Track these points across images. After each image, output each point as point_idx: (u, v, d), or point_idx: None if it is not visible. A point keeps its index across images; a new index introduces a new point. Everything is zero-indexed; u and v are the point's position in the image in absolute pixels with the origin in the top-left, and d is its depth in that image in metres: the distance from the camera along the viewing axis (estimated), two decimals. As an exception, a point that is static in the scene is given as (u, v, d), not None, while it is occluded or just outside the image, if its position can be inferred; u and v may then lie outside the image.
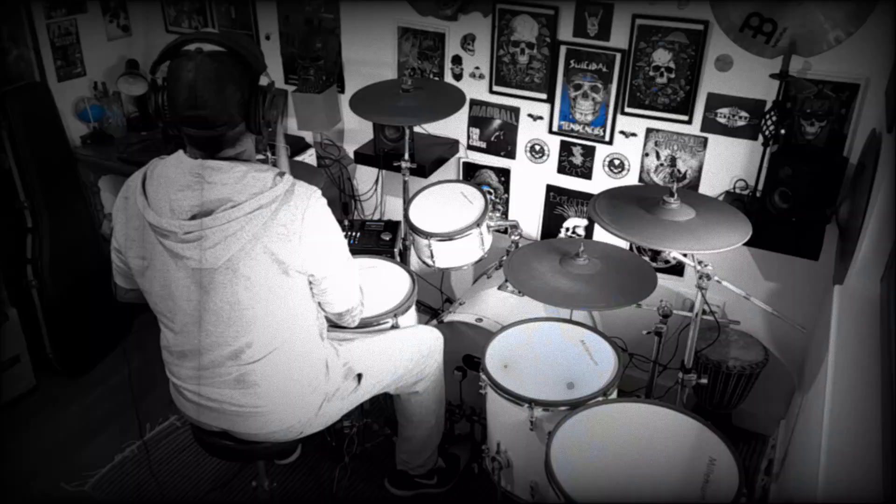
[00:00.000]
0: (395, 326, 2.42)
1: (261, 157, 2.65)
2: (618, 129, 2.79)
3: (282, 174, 1.71)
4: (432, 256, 2.69)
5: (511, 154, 3.05)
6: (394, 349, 2.25)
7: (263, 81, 1.70)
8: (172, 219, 1.66)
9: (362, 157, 3.11)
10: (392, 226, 3.08)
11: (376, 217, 3.41)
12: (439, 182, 2.91)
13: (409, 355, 2.26)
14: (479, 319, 2.51)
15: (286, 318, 1.82)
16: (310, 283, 1.81)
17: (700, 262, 2.19)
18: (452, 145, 3.12)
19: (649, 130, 2.74)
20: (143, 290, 1.85)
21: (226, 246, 1.66)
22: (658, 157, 2.76)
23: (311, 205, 1.73)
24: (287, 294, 1.78)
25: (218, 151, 1.69)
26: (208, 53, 1.62)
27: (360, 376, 2.08)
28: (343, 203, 3.43)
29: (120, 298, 2.03)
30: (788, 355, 2.74)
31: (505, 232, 2.99)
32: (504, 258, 2.79)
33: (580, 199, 2.97)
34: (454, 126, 3.09)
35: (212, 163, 1.67)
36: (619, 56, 2.68)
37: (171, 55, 1.64)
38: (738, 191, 2.64)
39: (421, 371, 2.29)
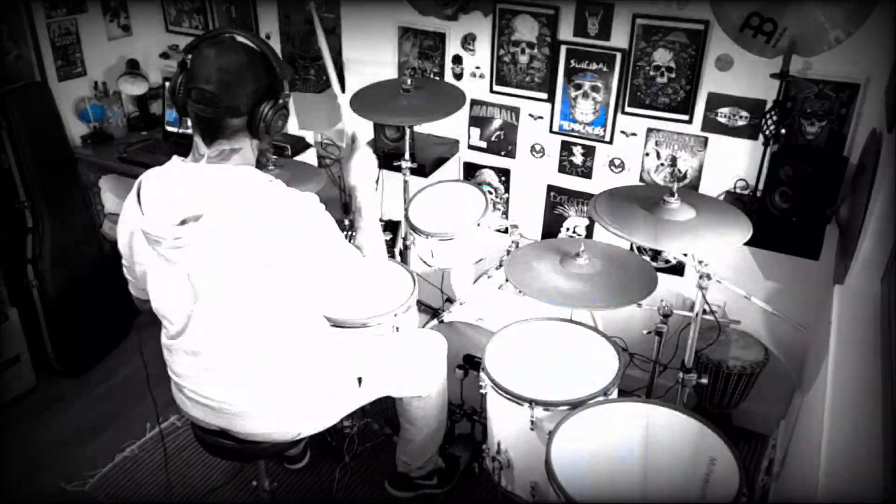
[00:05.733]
0: (395, 326, 2.43)
1: (272, 168, 2.60)
2: (618, 128, 2.79)
3: (271, 180, 1.70)
4: (433, 256, 2.69)
5: (511, 154, 3.05)
6: (395, 353, 2.24)
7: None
8: (163, 225, 1.66)
9: (362, 157, 3.10)
10: (392, 225, 3.08)
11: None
12: (440, 182, 2.91)
13: (410, 360, 2.26)
14: (480, 319, 2.51)
15: (282, 320, 1.81)
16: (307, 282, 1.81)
17: (700, 262, 2.19)
18: (453, 145, 3.12)
19: (650, 130, 2.74)
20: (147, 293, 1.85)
21: (215, 250, 1.65)
22: (658, 156, 2.76)
23: (302, 209, 1.72)
24: (281, 297, 1.76)
25: (214, 138, 1.69)
26: (239, 42, 1.67)
27: (360, 380, 2.08)
28: (343, 203, 3.42)
29: (141, 308, 2.01)
30: (789, 355, 2.74)
31: (505, 232, 2.99)
32: (504, 258, 2.79)
33: (581, 199, 2.97)
34: (454, 126, 3.09)
35: (203, 166, 1.68)
36: (619, 56, 2.68)
37: (208, 38, 1.70)
38: (738, 190, 2.64)
39: (423, 376, 2.28)
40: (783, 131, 2.40)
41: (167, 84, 3.22)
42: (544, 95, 2.88)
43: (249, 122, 1.69)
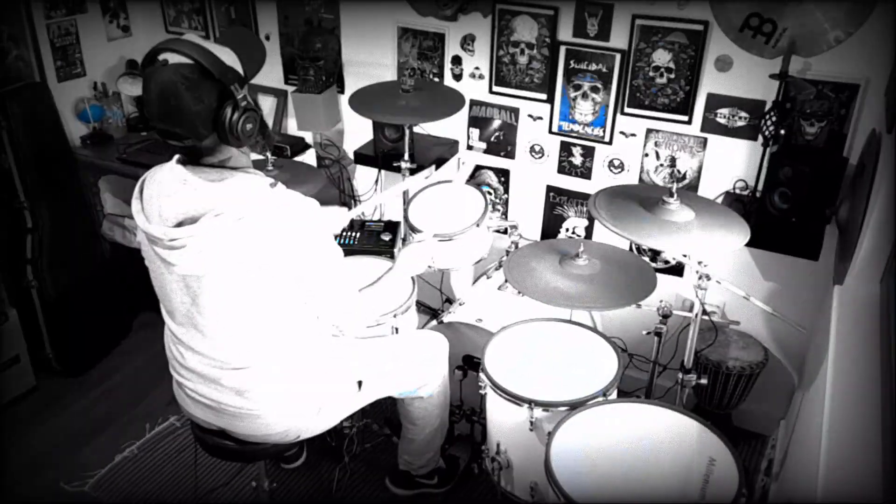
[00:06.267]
0: (394, 327, 2.43)
1: (260, 157, 2.66)
2: (617, 129, 2.79)
3: (274, 184, 1.70)
4: (432, 257, 2.68)
5: (511, 154, 3.05)
6: (395, 355, 2.24)
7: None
8: (160, 225, 1.67)
9: (362, 158, 3.11)
10: (392, 226, 3.08)
11: (376, 217, 3.40)
12: (439, 182, 2.91)
13: (410, 361, 2.25)
14: (479, 320, 2.51)
15: (280, 323, 1.81)
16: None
17: (700, 263, 2.19)
18: (452, 145, 3.12)
19: (649, 131, 2.74)
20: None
21: (210, 254, 1.65)
22: (658, 157, 2.76)
23: (299, 215, 1.71)
24: (278, 301, 1.77)
25: (198, 159, 1.69)
26: (172, 66, 1.58)
27: (360, 382, 2.08)
28: (342, 203, 3.43)
29: None
30: (788, 355, 2.74)
31: (505, 232, 2.99)
32: (504, 258, 2.79)
33: (580, 200, 2.97)
34: (454, 126, 3.09)
35: (199, 170, 1.67)
36: (618, 56, 2.68)
37: (146, 64, 1.63)
38: (737, 191, 2.64)
39: (424, 377, 2.28)
40: (782, 132, 2.39)
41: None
42: (544, 96, 2.88)
43: (219, 136, 1.65)
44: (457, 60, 3.00)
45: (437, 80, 3.05)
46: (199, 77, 1.59)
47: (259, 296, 1.73)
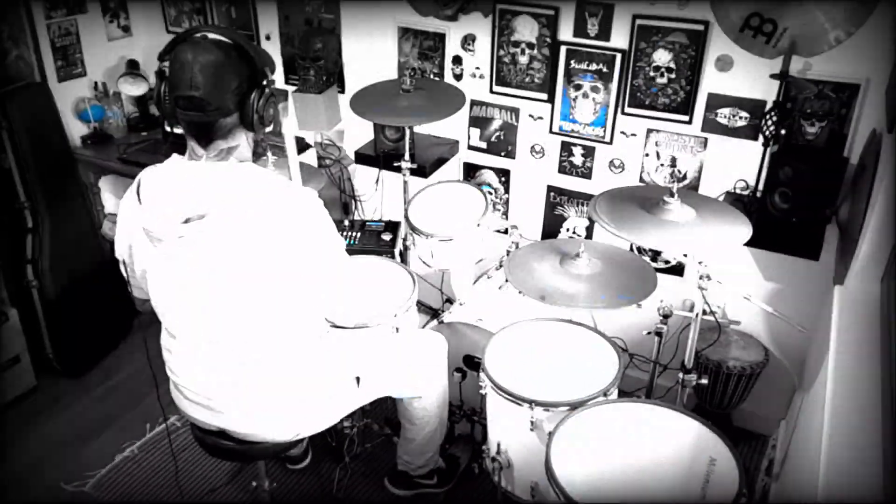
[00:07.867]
0: (395, 327, 2.43)
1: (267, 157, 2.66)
2: (618, 129, 2.79)
3: (274, 175, 1.72)
4: (433, 257, 2.69)
5: (511, 154, 3.05)
6: (394, 354, 2.24)
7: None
8: (166, 223, 1.66)
9: (362, 158, 3.11)
10: (392, 226, 3.08)
11: (376, 217, 3.40)
12: (440, 182, 2.91)
13: (409, 360, 2.26)
14: (480, 319, 2.51)
15: (283, 319, 1.82)
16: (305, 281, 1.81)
17: (700, 263, 2.19)
18: (452, 145, 3.12)
19: (649, 131, 2.74)
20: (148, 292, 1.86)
21: (220, 248, 1.66)
22: (658, 157, 2.75)
23: (305, 206, 1.74)
24: (283, 295, 1.77)
25: (210, 140, 1.69)
26: (212, 40, 1.64)
27: (358, 379, 2.08)
28: (343, 203, 3.43)
29: (140, 309, 2.01)
30: (789, 355, 2.74)
31: (505, 232, 2.99)
32: (504, 258, 2.79)
33: (580, 200, 2.97)
34: (454, 126, 3.09)
35: (205, 164, 1.69)
36: (619, 56, 2.68)
37: (180, 41, 1.66)
38: (738, 191, 2.64)
39: (423, 376, 2.28)
40: (783, 132, 2.39)
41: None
42: (544, 96, 2.88)
43: (241, 117, 1.69)
44: (457, 60, 3.00)
45: (437, 79, 3.05)
46: (238, 57, 1.66)
47: (266, 287, 1.74)
